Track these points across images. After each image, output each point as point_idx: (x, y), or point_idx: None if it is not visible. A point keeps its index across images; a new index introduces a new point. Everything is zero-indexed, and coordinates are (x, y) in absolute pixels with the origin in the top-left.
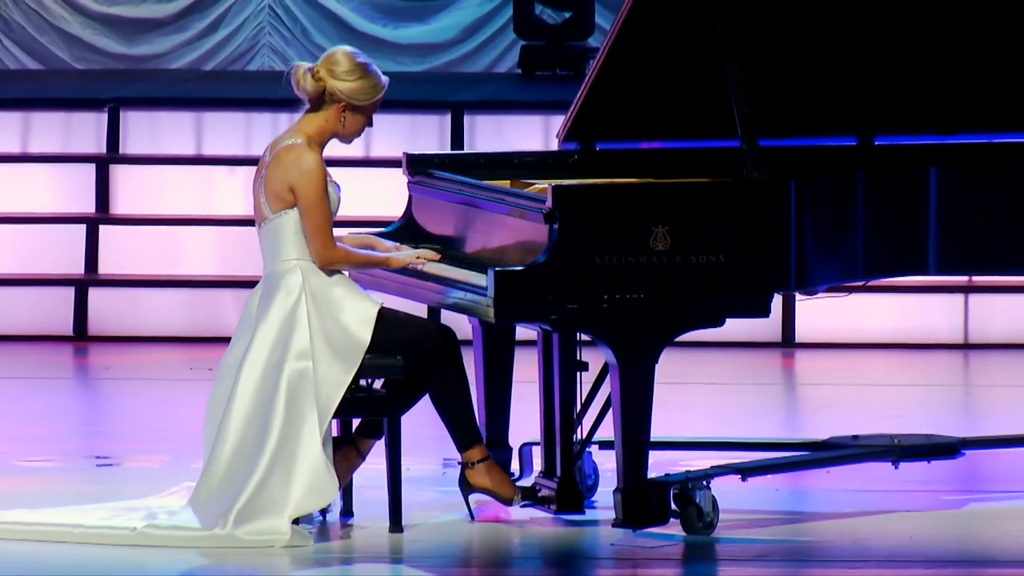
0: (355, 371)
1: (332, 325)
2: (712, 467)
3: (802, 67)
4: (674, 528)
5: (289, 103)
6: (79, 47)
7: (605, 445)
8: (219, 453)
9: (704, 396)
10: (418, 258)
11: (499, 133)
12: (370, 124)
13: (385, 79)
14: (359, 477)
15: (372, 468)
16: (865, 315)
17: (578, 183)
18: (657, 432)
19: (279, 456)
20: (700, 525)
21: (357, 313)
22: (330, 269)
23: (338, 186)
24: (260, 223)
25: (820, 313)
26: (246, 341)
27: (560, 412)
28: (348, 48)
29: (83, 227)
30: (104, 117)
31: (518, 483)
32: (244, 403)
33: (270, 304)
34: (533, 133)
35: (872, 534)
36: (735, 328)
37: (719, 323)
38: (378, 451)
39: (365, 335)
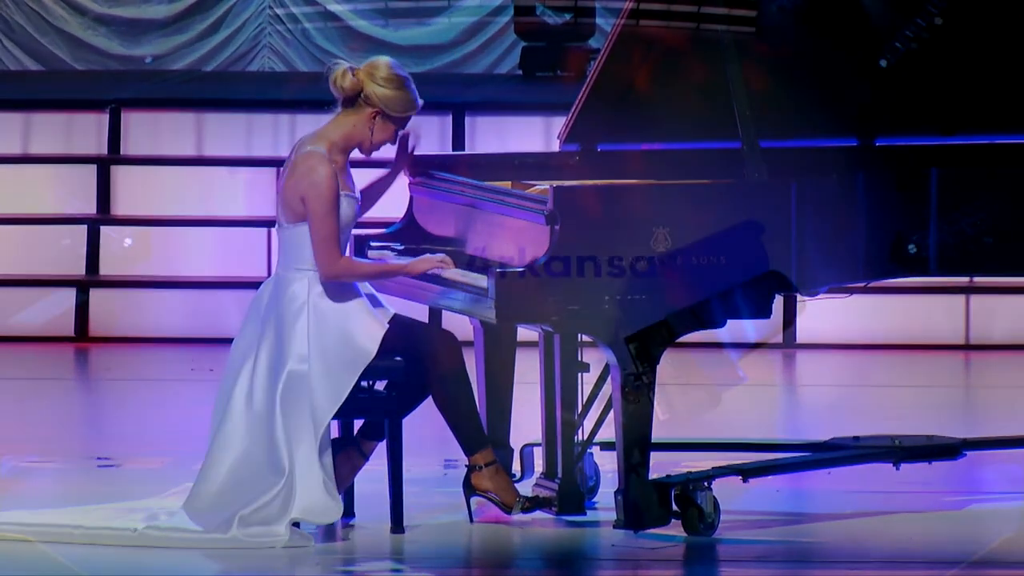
0: (350, 389)
1: (333, 340)
2: (713, 468)
3: (803, 68)
4: (675, 529)
5: (290, 104)
6: (80, 48)
7: (606, 446)
8: (219, 460)
9: (705, 397)
10: (440, 263)
11: (500, 134)
12: (394, 142)
13: (420, 101)
14: (360, 478)
15: (373, 469)
16: (866, 316)
17: (579, 184)
18: (658, 433)
19: (289, 479)
20: (701, 526)
21: (365, 330)
22: (339, 283)
23: (357, 200)
24: (278, 224)
25: (821, 314)
26: (250, 336)
27: (561, 413)
28: (391, 59)
29: (84, 228)
30: (105, 118)
31: (519, 487)
32: (248, 412)
33: (275, 311)
34: (534, 134)
35: (873, 535)
36: (736, 329)
37: (720, 324)
38: (379, 452)
39: (370, 349)
